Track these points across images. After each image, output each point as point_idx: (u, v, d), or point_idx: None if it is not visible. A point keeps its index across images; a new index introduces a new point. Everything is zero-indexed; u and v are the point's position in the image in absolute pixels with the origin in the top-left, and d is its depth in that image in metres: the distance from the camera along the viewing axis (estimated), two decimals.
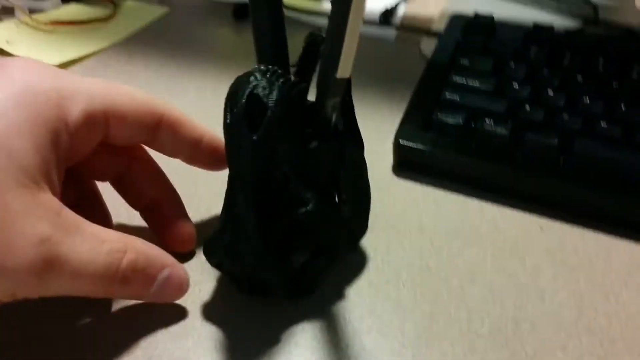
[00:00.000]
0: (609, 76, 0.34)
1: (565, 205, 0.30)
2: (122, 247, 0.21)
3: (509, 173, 0.31)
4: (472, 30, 0.40)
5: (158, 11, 0.51)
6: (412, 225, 0.30)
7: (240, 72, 0.22)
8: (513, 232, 0.29)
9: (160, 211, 0.26)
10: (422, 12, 0.52)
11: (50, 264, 0.18)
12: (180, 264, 0.23)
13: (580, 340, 0.24)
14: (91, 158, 0.23)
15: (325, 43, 0.20)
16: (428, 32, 0.47)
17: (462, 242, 0.29)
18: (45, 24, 0.48)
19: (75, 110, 0.21)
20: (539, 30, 0.39)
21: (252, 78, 0.21)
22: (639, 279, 0.27)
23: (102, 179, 0.26)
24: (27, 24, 0.48)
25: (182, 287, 0.23)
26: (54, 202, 0.20)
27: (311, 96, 0.23)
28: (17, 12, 0.48)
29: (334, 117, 0.22)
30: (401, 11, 0.52)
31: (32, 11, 0.49)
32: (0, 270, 0.18)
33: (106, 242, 0.20)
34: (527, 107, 0.33)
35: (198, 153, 0.26)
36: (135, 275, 0.21)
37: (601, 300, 0.26)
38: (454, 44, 0.39)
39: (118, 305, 0.24)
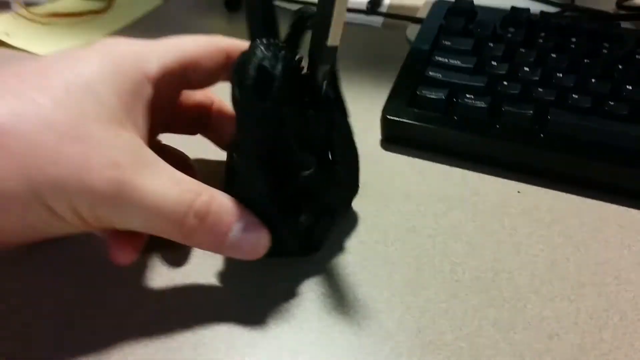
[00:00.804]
0: (581, 53, 0.37)
1: (540, 171, 0.33)
2: (197, 189, 0.22)
3: (488, 143, 0.33)
4: (454, 14, 0.42)
5: (152, 3, 0.53)
6: (399, 192, 0.32)
7: None
8: (493, 196, 0.32)
9: None
10: (407, 0, 0.55)
11: (121, 189, 0.20)
12: (260, 221, 0.23)
13: (552, 285, 0.26)
14: (178, 114, 0.26)
15: (316, 14, 0.22)
16: (413, 19, 0.49)
17: (446, 206, 0.31)
18: (42, 16, 0.50)
19: (154, 64, 0.23)
20: (516, 13, 0.41)
21: (257, 51, 0.23)
22: (607, 233, 0.29)
23: (192, 132, 0.30)
24: (24, 17, 0.50)
25: (260, 241, 0.23)
26: (135, 140, 0.21)
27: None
28: (14, 5, 0.50)
29: (324, 85, 0.24)
30: (388, 0, 0.55)
31: (27, 4, 0.51)
32: (78, 184, 0.20)
33: (182, 183, 0.22)
34: (505, 83, 0.35)
35: None
36: (209, 220, 0.22)
37: (572, 251, 0.28)
38: (437, 27, 0.41)
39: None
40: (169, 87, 0.24)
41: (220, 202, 0.22)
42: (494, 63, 0.37)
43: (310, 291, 0.26)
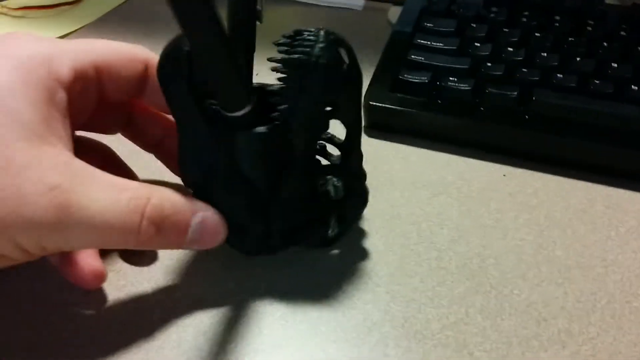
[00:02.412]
0: (564, 32, 0.36)
1: (526, 153, 0.32)
2: (144, 194, 0.20)
3: (473, 126, 0.33)
4: None
5: None
6: (384, 179, 0.31)
7: None
8: (478, 180, 0.31)
9: (170, 146, 0.27)
10: None
11: (64, 212, 0.18)
12: (213, 209, 0.22)
13: (539, 269, 0.26)
14: (96, 115, 0.24)
15: None
16: (395, 1, 0.48)
17: (431, 192, 0.30)
18: (15, 9, 0.48)
19: (65, 68, 0.21)
20: None
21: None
22: (593, 214, 0.29)
23: (112, 132, 0.28)
24: None
25: (218, 230, 0.22)
26: (63, 154, 0.20)
27: None
28: None
29: None
30: None
31: None
32: (18, 219, 0.18)
33: (127, 190, 0.20)
34: (489, 64, 0.34)
35: None
36: (165, 222, 0.21)
37: (559, 234, 0.28)
38: (418, 9, 0.40)
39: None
40: (83, 92, 0.22)
41: (173, 201, 0.21)
42: (477, 44, 0.36)
43: (294, 283, 0.25)
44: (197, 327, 0.23)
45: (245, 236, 0.24)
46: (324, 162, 0.26)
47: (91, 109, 0.24)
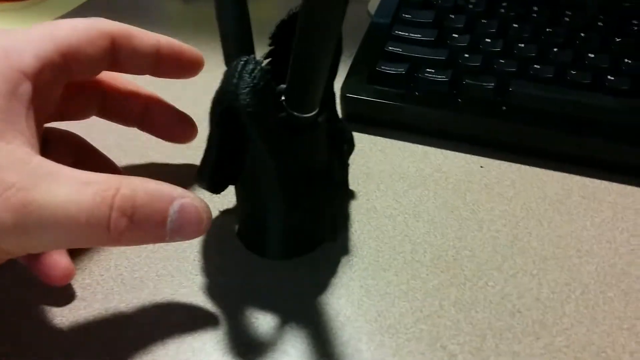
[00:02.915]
0: (542, 22, 0.36)
1: (503, 144, 0.32)
2: (113, 184, 0.19)
3: (450, 117, 0.32)
4: None
5: None
6: (360, 172, 0.31)
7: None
8: (455, 172, 0.31)
9: (154, 116, 0.27)
10: None
11: (21, 212, 0.17)
12: (193, 194, 0.20)
13: (515, 260, 0.26)
14: (68, 100, 0.24)
15: None
16: None
17: (407, 184, 0.30)
18: None
19: (27, 57, 0.20)
20: None
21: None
22: (569, 205, 0.29)
23: (86, 116, 0.27)
24: None
25: (201, 217, 0.20)
26: (21, 150, 0.19)
27: None
28: None
29: None
30: None
31: None
32: None
33: (92, 184, 0.18)
34: (466, 55, 0.34)
35: (162, 61, 0.25)
36: (140, 214, 0.19)
37: (535, 225, 0.28)
38: (397, 1, 0.40)
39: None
40: (50, 80, 0.21)
41: (147, 189, 0.19)
42: (455, 35, 0.35)
43: (264, 280, 0.25)
44: (160, 326, 0.23)
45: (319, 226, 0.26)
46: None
47: (59, 95, 0.23)
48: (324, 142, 0.24)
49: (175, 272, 0.25)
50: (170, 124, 0.28)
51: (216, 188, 0.25)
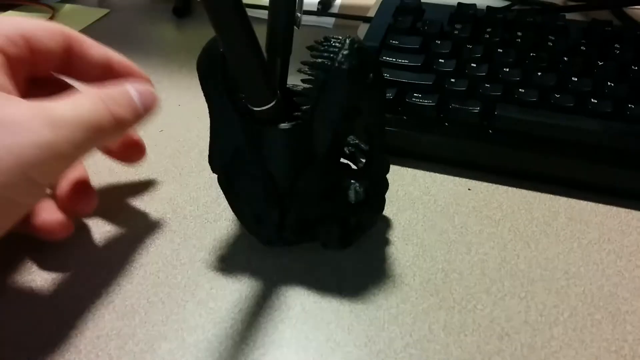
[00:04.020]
0: (526, 47, 0.37)
1: (490, 167, 0.32)
2: (94, 92, 0.23)
3: (437, 141, 0.33)
4: (402, 13, 0.42)
5: (98, 13, 0.52)
6: None
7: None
8: (443, 195, 0.31)
9: (112, 72, 0.28)
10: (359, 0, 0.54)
11: (55, 122, 0.21)
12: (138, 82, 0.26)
13: (503, 283, 0.26)
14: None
15: None
16: (365, 18, 0.49)
17: (396, 208, 0.30)
18: None
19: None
20: (462, 9, 0.41)
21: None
22: (556, 226, 0.29)
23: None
24: None
25: (151, 91, 0.26)
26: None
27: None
28: None
29: None
30: (339, 0, 0.54)
31: None
32: (25, 151, 0.20)
33: (84, 94, 0.23)
34: (452, 79, 0.35)
35: (112, 74, 0.28)
36: (115, 95, 0.24)
37: (522, 247, 0.28)
38: (385, 26, 0.41)
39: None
40: (15, 60, 0.25)
41: (114, 87, 0.24)
42: (442, 60, 0.36)
43: (255, 303, 0.25)
44: (152, 354, 0.23)
45: (262, 225, 0.26)
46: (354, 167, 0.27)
47: (22, 78, 0.26)
48: (293, 149, 0.24)
49: (166, 299, 0.25)
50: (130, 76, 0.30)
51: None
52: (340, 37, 0.23)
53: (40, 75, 0.27)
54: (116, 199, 0.31)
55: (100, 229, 0.29)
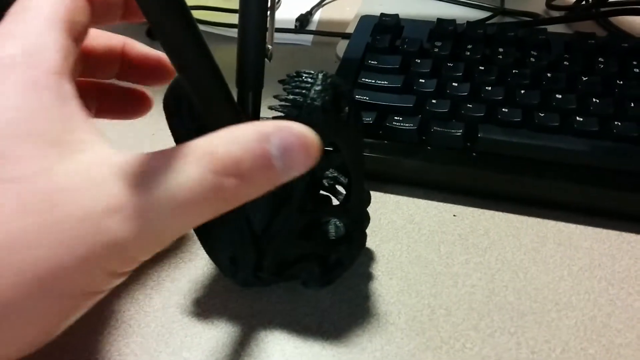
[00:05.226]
0: (508, 64, 0.36)
1: (475, 191, 0.31)
2: (203, 150, 0.17)
3: (420, 166, 0.32)
4: (380, 30, 0.41)
5: None
6: None
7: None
8: (428, 222, 0.30)
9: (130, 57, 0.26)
10: (337, 15, 0.53)
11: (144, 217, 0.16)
12: (289, 122, 0.18)
13: (492, 318, 0.25)
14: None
15: None
16: (343, 34, 0.48)
17: (379, 238, 0.29)
18: None
19: (51, 57, 0.18)
20: (442, 25, 0.40)
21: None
22: (545, 253, 0.28)
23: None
24: None
25: (304, 141, 0.17)
26: (102, 152, 0.17)
27: None
28: None
29: None
30: (317, 16, 0.53)
31: None
32: (99, 245, 0.16)
33: (187, 156, 0.17)
34: (433, 100, 0.34)
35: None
36: (242, 167, 0.17)
37: (511, 278, 0.27)
38: (364, 45, 0.40)
39: None
40: (74, 63, 0.20)
41: (235, 140, 0.17)
42: (422, 80, 0.35)
43: (233, 351, 0.24)
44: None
45: (239, 268, 0.25)
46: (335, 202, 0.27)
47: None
48: None
49: (138, 350, 0.24)
50: (147, 61, 0.27)
51: None
52: (313, 72, 0.22)
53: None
54: None
55: None
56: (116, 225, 0.16)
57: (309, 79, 0.22)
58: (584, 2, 0.53)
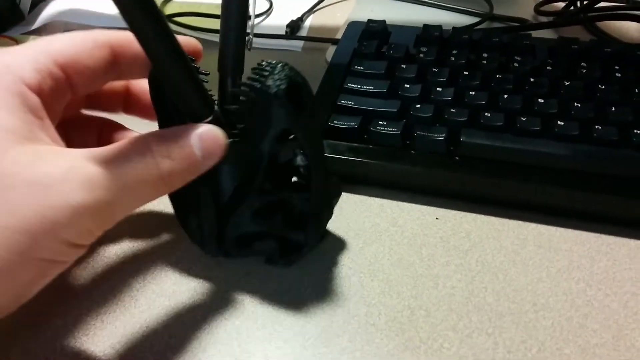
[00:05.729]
0: (492, 69, 0.36)
1: (458, 194, 0.32)
2: (142, 139, 0.21)
3: (404, 170, 0.32)
4: (367, 36, 0.41)
5: None
6: None
7: None
8: (411, 225, 0.31)
9: (137, 95, 0.28)
10: (328, 21, 0.54)
11: (93, 184, 0.20)
12: (209, 125, 0.23)
13: (470, 319, 0.25)
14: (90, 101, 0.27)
15: None
16: (333, 40, 0.49)
17: (362, 241, 0.30)
18: None
19: (27, 71, 0.21)
20: (428, 31, 0.40)
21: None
22: (525, 255, 0.28)
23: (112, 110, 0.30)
24: None
25: (218, 137, 0.23)
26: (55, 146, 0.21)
27: None
28: None
29: None
30: (308, 22, 0.54)
31: None
32: (58, 212, 0.19)
33: (122, 146, 0.21)
34: (418, 105, 0.34)
35: None
36: (174, 152, 0.21)
37: (490, 279, 0.27)
38: (351, 50, 0.40)
39: None
40: (51, 92, 0.22)
41: (169, 134, 0.22)
42: (407, 85, 0.36)
43: (218, 351, 0.24)
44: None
45: (204, 236, 0.27)
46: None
47: (68, 107, 0.24)
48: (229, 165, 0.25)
49: (123, 351, 0.24)
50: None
51: None
52: (273, 62, 0.23)
53: (87, 91, 0.25)
54: None
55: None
56: (70, 189, 0.19)
57: (268, 68, 0.23)
58: (572, 8, 0.54)
